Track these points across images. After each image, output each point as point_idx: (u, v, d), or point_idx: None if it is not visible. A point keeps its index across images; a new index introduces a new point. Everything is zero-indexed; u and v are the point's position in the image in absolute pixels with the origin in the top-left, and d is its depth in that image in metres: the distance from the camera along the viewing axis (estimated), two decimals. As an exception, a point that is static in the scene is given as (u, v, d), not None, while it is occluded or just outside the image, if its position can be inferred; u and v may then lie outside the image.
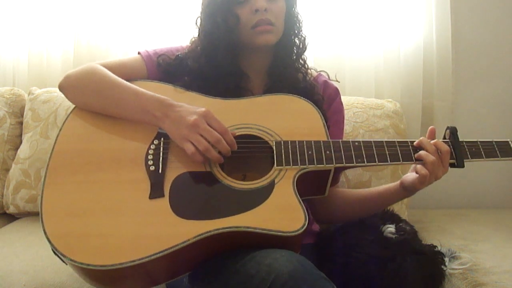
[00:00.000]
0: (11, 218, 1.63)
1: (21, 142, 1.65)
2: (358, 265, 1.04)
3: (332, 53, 1.78)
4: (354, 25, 1.77)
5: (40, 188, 0.96)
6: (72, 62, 1.80)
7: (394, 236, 1.10)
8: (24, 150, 1.61)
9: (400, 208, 1.50)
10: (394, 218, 1.18)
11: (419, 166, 1.03)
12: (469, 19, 1.81)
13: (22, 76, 1.85)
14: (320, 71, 1.29)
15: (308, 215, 0.92)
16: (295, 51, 1.20)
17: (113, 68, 1.11)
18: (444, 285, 1.14)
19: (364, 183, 1.52)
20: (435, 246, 1.16)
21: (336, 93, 1.26)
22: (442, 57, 1.76)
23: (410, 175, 1.07)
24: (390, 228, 1.11)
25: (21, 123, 1.70)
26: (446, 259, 1.17)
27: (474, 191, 1.87)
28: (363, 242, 1.08)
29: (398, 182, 1.11)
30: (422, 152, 1.02)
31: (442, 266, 1.13)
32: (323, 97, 1.20)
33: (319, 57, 1.76)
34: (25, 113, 1.68)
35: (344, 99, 1.60)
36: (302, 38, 1.20)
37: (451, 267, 1.17)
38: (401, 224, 1.15)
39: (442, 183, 1.06)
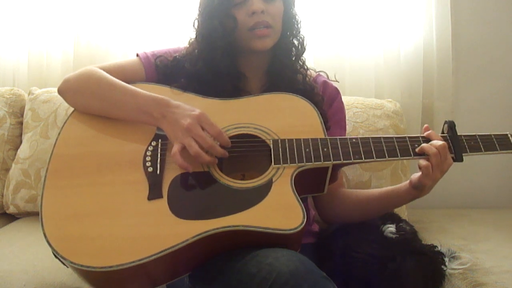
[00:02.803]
0: (11, 218, 1.63)
1: (21, 142, 1.65)
2: (358, 265, 1.04)
3: (332, 53, 1.78)
4: (354, 25, 1.76)
5: (40, 192, 0.96)
6: (72, 62, 1.80)
7: (394, 236, 1.10)
8: (24, 150, 1.61)
9: (400, 208, 1.49)
10: (394, 218, 1.18)
11: (420, 160, 1.01)
12: (469, 19, 1.81)
13: (22, 76, 1.84)
14: (319, 71, 1.28)
15: (308, 215, 0.92)
16: (294, 52, 1.18)
17: (111, 71, 1.11)
18: (444, 285, 1.14)
19: (364, 183, 1.52)
20: (435, 246, 1.17)
21: (336, 92, 1.25)
22: (442, 57, 1.76)
23: (417, 173, 1.05)
24: (390, 228, 1.11)
25: (21, 123, 1.69)
26: (446, 259, 1.17)
27: (474, 191, 1.86)
28: (363, 242, 1.08)
29: (407, 181, 1.08)
30: (424, 145, 1.01)
31: (442, 266, 1.13)
32: (323, 98, 1.19)
33: (319, 57, 1.76)
34: (25, 113, 1.68)
35: (344, 99, 1.60)
36: (301, 39, 1.18)
37: (451, 267, 1.17)
38: (401, 224, 1.15)
39: (442, 183, 1.05)
